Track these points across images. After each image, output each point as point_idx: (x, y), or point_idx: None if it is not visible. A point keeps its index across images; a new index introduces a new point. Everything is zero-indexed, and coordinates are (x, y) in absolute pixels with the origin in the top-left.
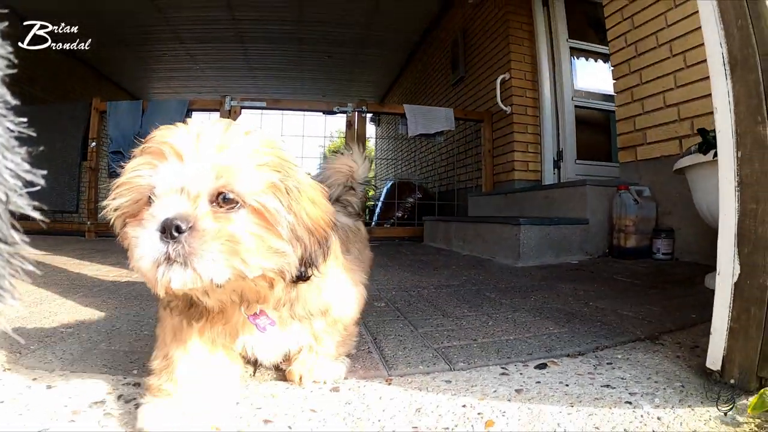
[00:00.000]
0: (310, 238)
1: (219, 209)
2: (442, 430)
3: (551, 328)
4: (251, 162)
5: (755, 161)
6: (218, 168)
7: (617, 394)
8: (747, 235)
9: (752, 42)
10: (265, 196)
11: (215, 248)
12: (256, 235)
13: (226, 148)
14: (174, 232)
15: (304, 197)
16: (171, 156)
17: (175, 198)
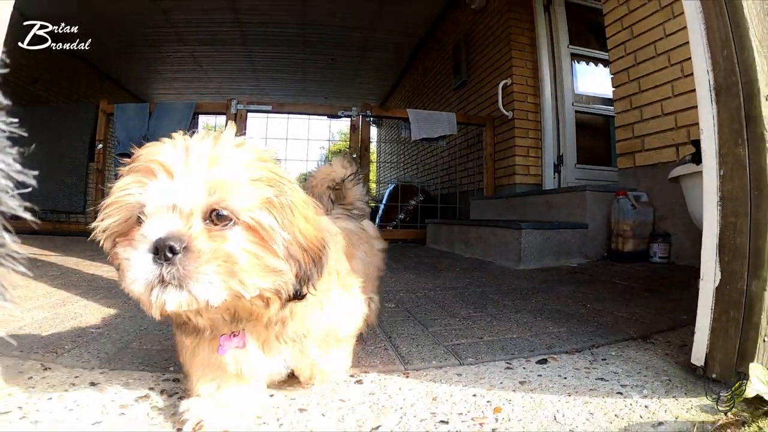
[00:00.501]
0: (304, 256)
1: (213, 227)
2: (457, 415)
3: (551, 327)
4: (245, 176)
5: (735, 179)
6: (210, 183)
7: (610, 386)
8: (727, 245)
9: (736, 71)
10: (259, 213)
11: (211, 270)
12: (252, 253)
13: (218, 162)
14: (168, 253)
15: (297, 214)
16: (160, 173)
17: (167, 216)
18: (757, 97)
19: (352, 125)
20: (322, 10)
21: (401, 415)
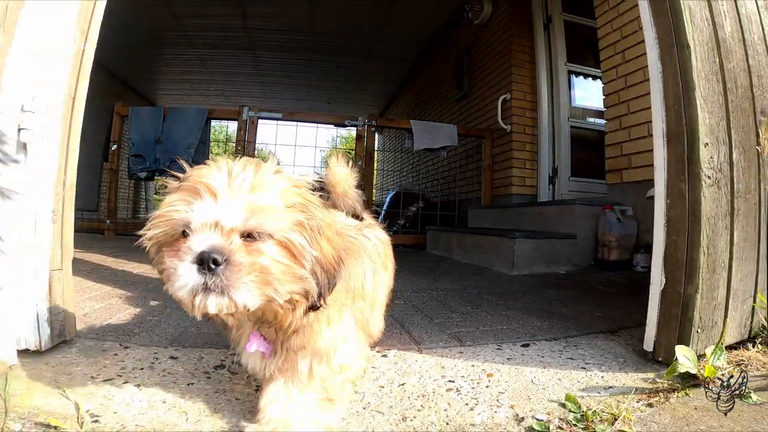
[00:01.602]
0: (322, 273)
1: (250, 243)
2: (461, 377)
3: (535, 322)
4: (280, 202)
5: (677, 207)
6: (251, 207)
7: (576, 363)
8: (670, 258)
9: (683, 122)
10: (292, 233)
11: (250, 279)
12: (284, 264)
13: (258, 188)
14: (211, 264)
15: (322, 235)
16: (206, 194)
17: (210, 232)
18: (698, 143)
19: (358, 134)
20: (329, 19)
21: (419, 377)
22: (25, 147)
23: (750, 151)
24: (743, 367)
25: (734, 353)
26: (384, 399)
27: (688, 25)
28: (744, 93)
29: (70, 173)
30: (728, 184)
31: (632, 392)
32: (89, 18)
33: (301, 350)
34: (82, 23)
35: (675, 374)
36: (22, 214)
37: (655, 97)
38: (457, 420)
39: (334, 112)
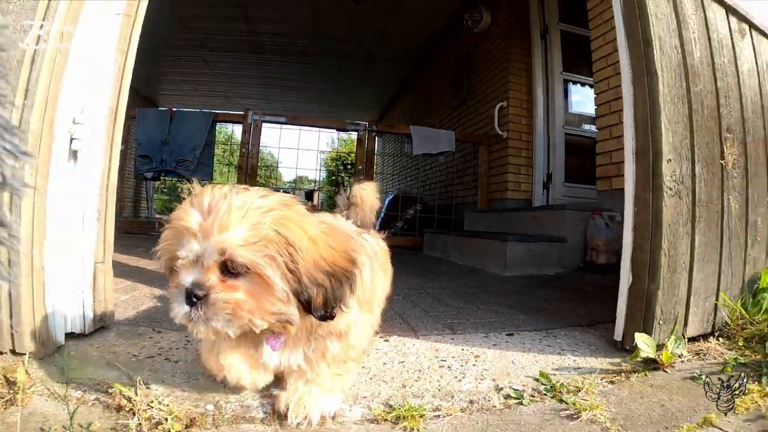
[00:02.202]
0: (331, 280)
1: (227, 277)
2: (452, 358)
3: (521, 317)
4: (248, 239)
5: (643, 214)
6: (221, 246)
7: (553, 349)
8: (636, 259)
9: (649, 140)
10: (261, 267)
11: (224, 313)
12: (256, 299)
13: (227, 228)
14: (194, 299)
15: (319, 247)
16: (187, 234)
17: (193, 269)
18: (661, 159)
19: (359, 139)
20: (331, 24)
21: (416, 357)
22: (75, 155)
23: (714, 165)
24: (702, 356)
25: (696, 344)
26: (387, 372)
27: (657, 53)
28: (710, 113)
29: (112, 177)
30: (689, 195)
31: (597, 372)
32: (128, 41)
33: (329, 335)
34: (122, 45)
35: (638, 359)
36: (72, 214)
37: (627, 117)
38: (447, 388)
39: (334, 114)
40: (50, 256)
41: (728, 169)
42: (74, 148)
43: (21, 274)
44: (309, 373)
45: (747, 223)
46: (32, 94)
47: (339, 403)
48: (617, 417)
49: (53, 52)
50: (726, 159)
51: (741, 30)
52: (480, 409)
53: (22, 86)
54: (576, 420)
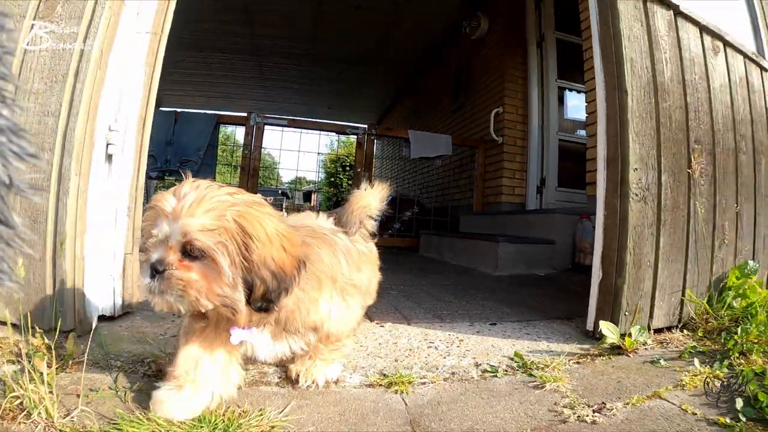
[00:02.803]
0: (272, 279)
1: (186, 258)
2: (439, 341)
3: (506, 310)
4: (207, 226)
5: (611, 217)
6: (184, 229)
7: (530, 336)
8: (605, 256)
9: (618, 151)
10: (214, 252)
11: (176, 289)
12: (206, 281)
13: (192, 215)
14: (155, 271)
15: (272, 247)
16: (161, 216)
17: (160, 247)
18: (628, 168)
19: (358, 142)
20: (333, 29)
21: (408, 339)
22: (110, 158)
23: (681, 174)
24: (665, 345)
25: (662, 335)
26: (382, 350)
27: (628, 73)
28: (678, 126)
29: (141, 177)
30: (655, 200)
31: (566, 354)
32: (155, 55)
33: (297, 331)
34: (150, 59)
35: (605, 345)
36: (107, 211)
37: (600, 130)
38: (433, 363)
39: (334, 116)
40: (88, 248)
41: (695, 178)
42: (109, 153)
43: (66, 263)
44: (311, 353)
45: (714, 226)
46: (76, 106)
47: (339, 371)
48: (577, 388)
49: (94, 67)
50: (693, 168)
51: (715, 47)
52: (460, 379)
53: (66, 98)
54: (541, 389)
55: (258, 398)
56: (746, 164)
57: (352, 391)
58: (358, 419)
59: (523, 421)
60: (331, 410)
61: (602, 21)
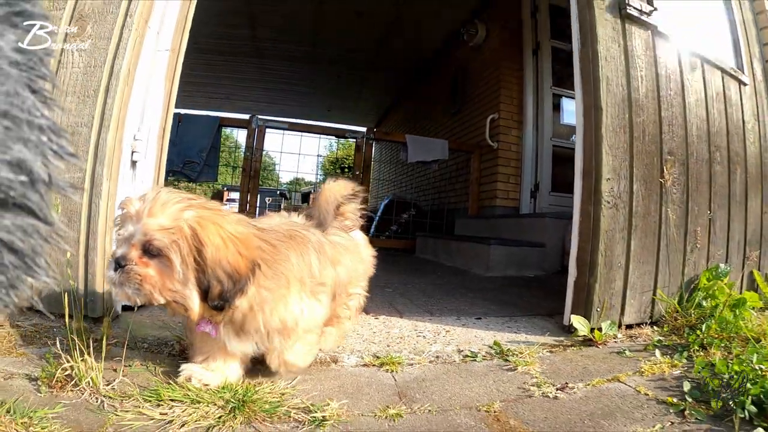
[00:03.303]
0: (228, 280)
1: (146, 256)
2: (428, 331)
3: (492, 307)
4: (164, 226)
5: (585, 223)
6: (145, 229)
7: (511, 329)
8: (579, 258)
9: (593, 163)
10: (168, 251)
11: (134, 282)
12: (159, 277)
13: (153, 217)
14: (117, 265)
15: (226, 250)
16: (128, 218)
17: (125, 245)
18: (601, 178)
19: (357, 146)
20: (334, 32)
21: (399, 329)
22: (134, 164)
23: (653, 183)
24: (633, 339)
25: (633, 330)
26: (375, 338)
27: (604, 92)
28: (651, 139)
29: (161, 182)
30: (626, 207)
31: (540, 344)
32: (174, 71)
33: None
34: (169, 74)
35: (578, 337)
36: None
37: (577, 143)
38: (420, 348)
39: (333, 117)
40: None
41: (667, 186)
42: (134, 159)
43: (97, 258)
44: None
45: (686, 232)
46: (107, 118)
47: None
48: (546, 371)
49: (123, 84)
50: (665, 178)
51: (692, 64)
52: (443, 362)
53: (98, 111)
54: (513, 371)
55: (269, 373)
56: (720, 174)
57: (350, 369)
58: (354, 390)
59: (494, 394)
60: (332, 383)
61: (582, 43)
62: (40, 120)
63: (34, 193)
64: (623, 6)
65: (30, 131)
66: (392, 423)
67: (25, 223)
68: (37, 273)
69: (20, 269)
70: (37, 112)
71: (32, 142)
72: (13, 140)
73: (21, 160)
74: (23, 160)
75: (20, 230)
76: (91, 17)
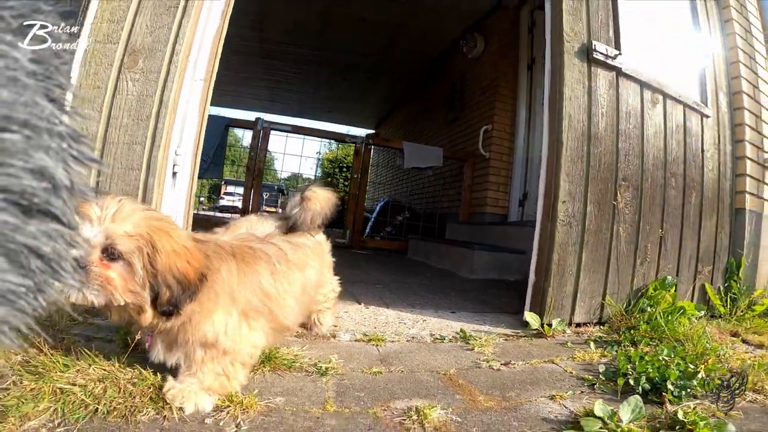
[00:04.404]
0: (177, 285)
1: (107, 258)
2: (407, 320)
3: (468, 304)
4: (128, 232)
5: (543, 236)
6: (108, 233)
7: (479, 322)
8: (538, 265)
9: (552, 187)
10: (130, 255)
11: (95, 284)
12: (122, 279)
13: (117, 223)
14: (77, 266)
15: (177, 258)
16: (87, 221)
17: (85, 245)
18: (558, 201)
19: (356, 150)
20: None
21: (385, 317)
22: (174, 175)
23: (606, 205)
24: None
25: (583, 328)
26: (366, 322)
27: (566, 127)
28: (607, 167)
29: (194, 188)
30: (579, 225)
31: (498, 334)
32: (206, 97)
33: (186, 343)
34: (202, 100)
35: (531, 330)
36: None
37: (542, 169)
38: (401, 331)
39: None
40: None
41: (620, 208)
42: (174, 171)
43: None
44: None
45: (637, 247)
46: (158, 139)
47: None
48: (496, 352)
49: (170, 111)
50: (618, 200)
51: (654, 99)
52: (417, 342)
53: (150, 133)
54: (471, 351)
55: (284, 342)
56: (675, 197)
57: (345, 343)
58: (348, 355)
59: (451, 364)
60: (331, 350)
61: (552, 84)
62: (59, 127)
63: (57, 198)
64: (590, 51)
65: (50, 139)
66: (374, 377)
67: (50, 228)
68: (63, 277)
69: (47, 273)
70: (56, 120)
71: (53, 150)
72: (34, 149)
73: (43, 168)
74: (45, 167)
75: (45, 236)
76: (142, 53)
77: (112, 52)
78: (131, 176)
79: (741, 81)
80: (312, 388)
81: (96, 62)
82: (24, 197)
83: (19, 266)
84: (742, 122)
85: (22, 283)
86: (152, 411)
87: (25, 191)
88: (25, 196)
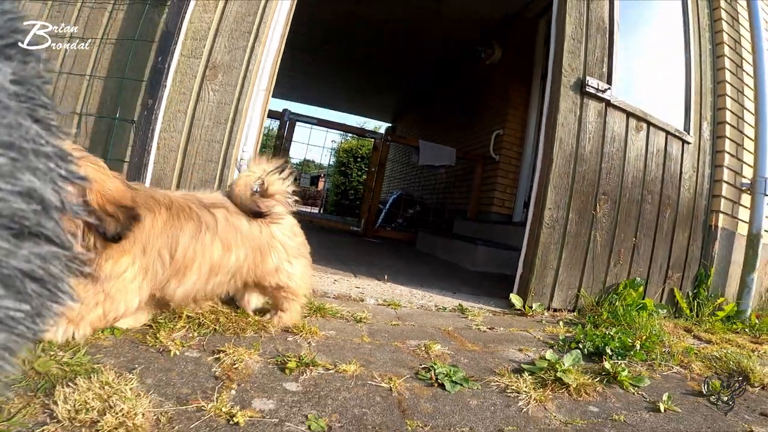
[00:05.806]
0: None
1: None
2: (418, 294)
3: (467, 289)
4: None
5: (531, 237)
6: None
7: (474, 301)
8: (525, 260)
9: (541, 197)
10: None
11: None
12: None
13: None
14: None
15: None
16: None
17: None
18: (545, 208)
19: (375, 146)
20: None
21: (400, 291)
22: (239, 168)
23: (586, 213)
24: (554, 317)
25: (558, 312)
26: (385, 293)
27: (556, 149)
28: (589, 183)
29: None
30: (561, 229)
31: (488, 310)
32: (266, 105)
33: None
34: (263, 107)
35: (515, 309)
36: None
37: (536, 181)
38: (413, 301)
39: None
40: None
41: (598, 217)
42: (239, 165)
43: None
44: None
45: (611, 251)
46: (233, 140)
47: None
48: (485, 321)
49: (243, 117)
50: (597, 211)
51: (638, 127)
52: (425, 309)
53: (227, 134)
54: (465, 318)
55: (326, 301)
56: (650, 212)
57: (371, 305)
58: (374, 313)
59: (449, 325)
60: (362, 308)
61: (549, 112)
62: (46, 148)
63: (48, 220)
64: (584, 85)
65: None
66: (394, 327)
67: (44, 251)
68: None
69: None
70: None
71: (41, 170)
72: (21, 171)
73: (32, 189)
74: (33, 188)
75: (39, 258)
76: (221, 68)
77: (195, 65)
78: (210, 167)
79: (726, 112)
80: (352, 329)
81: (182, 72)
82: (14, 221)
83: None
84: (723, 149)
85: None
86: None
87: (15, 214)
88: (16, 219)
